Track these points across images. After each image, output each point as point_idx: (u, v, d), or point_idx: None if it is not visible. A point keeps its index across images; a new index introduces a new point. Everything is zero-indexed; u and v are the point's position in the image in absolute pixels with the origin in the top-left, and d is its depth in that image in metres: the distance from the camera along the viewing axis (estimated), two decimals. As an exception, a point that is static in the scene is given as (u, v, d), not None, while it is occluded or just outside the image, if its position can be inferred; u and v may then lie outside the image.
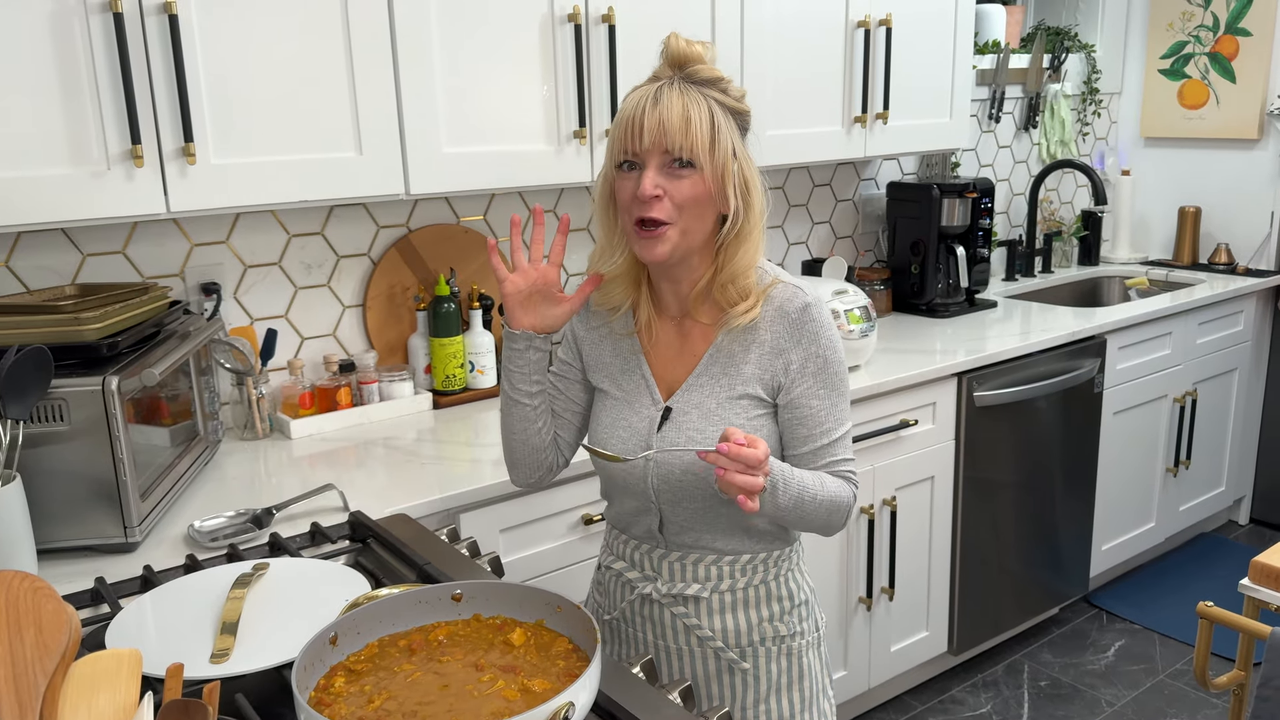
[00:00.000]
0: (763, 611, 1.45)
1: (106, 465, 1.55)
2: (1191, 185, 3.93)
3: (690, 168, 1.28)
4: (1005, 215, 3.82)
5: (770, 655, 1.45)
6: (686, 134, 1.26)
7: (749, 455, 1.19)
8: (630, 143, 1.28)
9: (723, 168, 1.29)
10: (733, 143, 1.30)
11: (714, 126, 1.28)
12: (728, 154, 1.29)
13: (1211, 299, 3.42)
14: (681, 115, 1.26)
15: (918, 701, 2.86)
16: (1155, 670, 2.98)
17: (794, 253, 3.18)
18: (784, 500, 1.29)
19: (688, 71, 1.30)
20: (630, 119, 1.28)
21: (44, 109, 1.61)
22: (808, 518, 1.33)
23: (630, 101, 1.30)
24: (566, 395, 1.50)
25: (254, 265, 2.21)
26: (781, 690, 1.46)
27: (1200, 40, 3.81)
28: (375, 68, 1.92)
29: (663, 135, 1.26)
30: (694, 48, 1.30)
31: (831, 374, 1.36)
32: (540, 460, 1.48)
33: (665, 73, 1.31)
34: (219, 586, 1.36)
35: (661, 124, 1.26)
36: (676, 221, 1.29)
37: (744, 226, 1.33)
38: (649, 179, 1.27)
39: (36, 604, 0.81)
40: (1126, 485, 3.32)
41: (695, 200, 1.29)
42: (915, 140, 2.90)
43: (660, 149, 1.27)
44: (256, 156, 1.82)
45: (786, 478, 1.29)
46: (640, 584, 1.47)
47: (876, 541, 2.60)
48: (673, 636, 1.46)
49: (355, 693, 1.07)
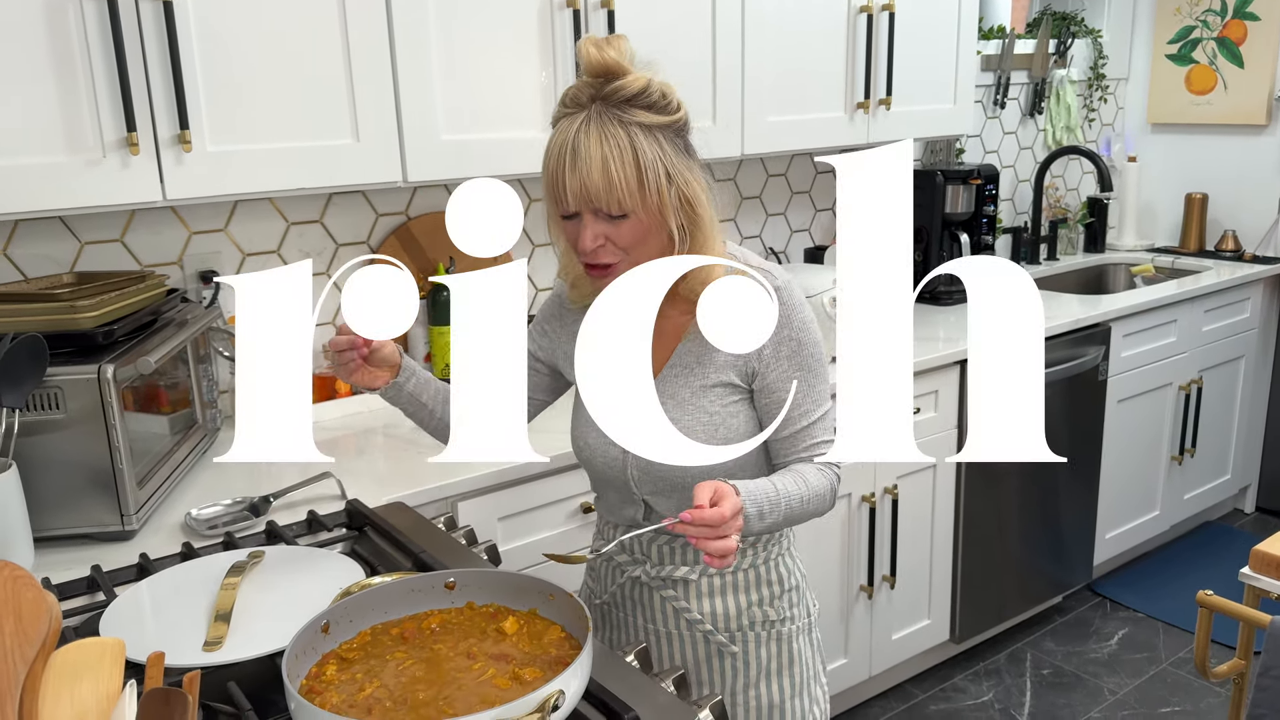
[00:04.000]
0: (752, 595, 1.45)
1: (103, 453, 1.55)
2: (1198, 171, 3.90)
3: (624, 217, 1.26)
4: (1010, 202, 3.80)
5: (760, 640, 1.45)
6: (610, 189, 1.23)
7: (710, 517, 1.14)
8: (559, 197, 1.26)
9: (657, 203, 1.26)
10: (664, 169, 1.25)
11: (639, 167, 1.23)
12: (660, 186, 1.25)
13: (1218, 286, 3.40)
14: (601, 171, 1.22)
15: (919, 690, 2.86)
16: (1158, 659, 2.97)
17: (796, 240, 3.16)
18: (771, 521, 1.28)
19: (608, 91, 1.24)
20: (554, 174, 1.25)
21: (39, 96, 1.61)
22: (796, 519, 1.33)
23: (552, 148, 1.26)
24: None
25: (253, 253, 2.20)
26: (772, 675, 1.46)
27: (1208, 25, 3.77)
28: (372, 54, 1.91)
29: (586, 195, 1.23)
30: (609, 55, 1.24)
31: (806, 356, 1.35)
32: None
33: (584, 93, 1.26)
34: (214, 575, 1.36)
35: (584, 186, 1.23)
36: (624, 259, 1.29)
37: (694, 242, 1.31)
38: (587, 235, 1.26)
39: (16, 592, 0.81)
40: (1131, 473, 3.30)
41: (636, 240, 1.28)
42: (919, 126, 2.88)
43: (587, 204, 1.25)
44: (252, 144, 1.81)
45: (772, 501, 1.27)
46: (630, 567, 1.47)
47: (878, 530, 2.59)
48: (663, 620, 1.46)
49: (346, 680, 1.07)
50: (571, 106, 1.27)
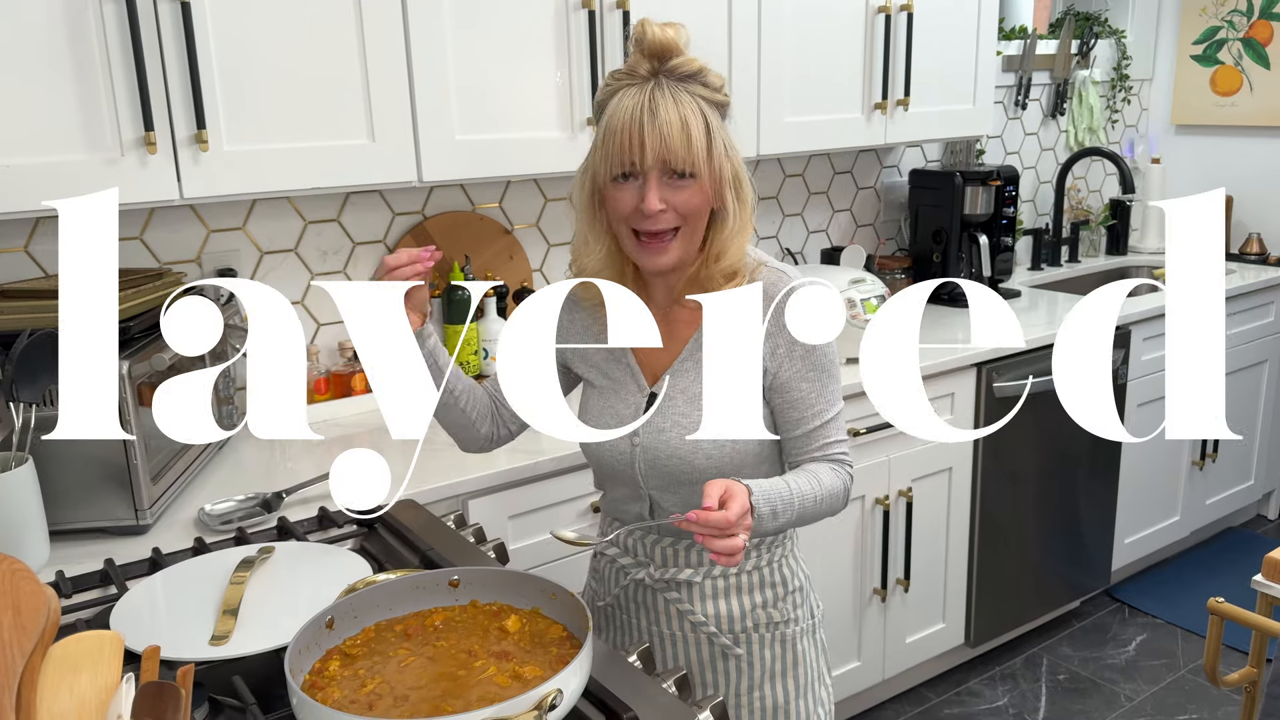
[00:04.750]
0: (755, 598, 1.45)
1: (117, 449, 1.57)
2: (1223, 174, 3.85)
3: (691, 178, 1.27)
4: (1031, 203, 3.77)
5: (763, 641, 1.45)
6: (689, 147, 1.24)
7: (716, 519, 1.14)
8: (629, 154, 1.26)
9: (719, 171, 1.28)
10: (724, 142, 1.29)
11: (709, 132, 1.26)
12: (723, 156, 1.28)
13: (1242, 289, 3.36)
14: (681, 128, 1.24)
15: (933, 693, 2.84)
16: (1176, 665, 2.94)
17: (814, 241, 3.16)
18: (784, 520, 1.28)
19: (669, 66, 1.26)
20: (628, 131, 1.25)
21: (59, 96, 1.63)
22: (809, 519, 1.33)
23: (624, 109, 1.26)
24: None
25: (270, 251, 2.23)
26: (775, 677, 1.46)
27: (1234, 25, 3.73)
28: (388, 55, 1.92)
29: (665, 150, 1.24)
30: (669, 34, 1.27)
31: (820, 356, 1.36)
32: (474, 434, 1.49)
33: (643, 66, 1.27)
34: (225, 569, 1.38)
35: (663, 139, 1.23)
36: (682, 228, 1.29)
37: (739, 221, 1.32)
38: (653, 196, 1.26)
39: (14, 586, 0.83)
40: (1151, 478, 3.27)
41: (697, 208, 1.29)
42: (937, 127, 2.87)
43: (661, 162, 1.25)
44: (269, 143, 1.83)
45: (785, 500, 1.27)
46: (633, 569, 1.47)
47: (891, 532, 2.58)
48: (666, 622, 1.46)
49: (349, 676, 1.08)
50: (630, 78, 1.28)
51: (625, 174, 1.28)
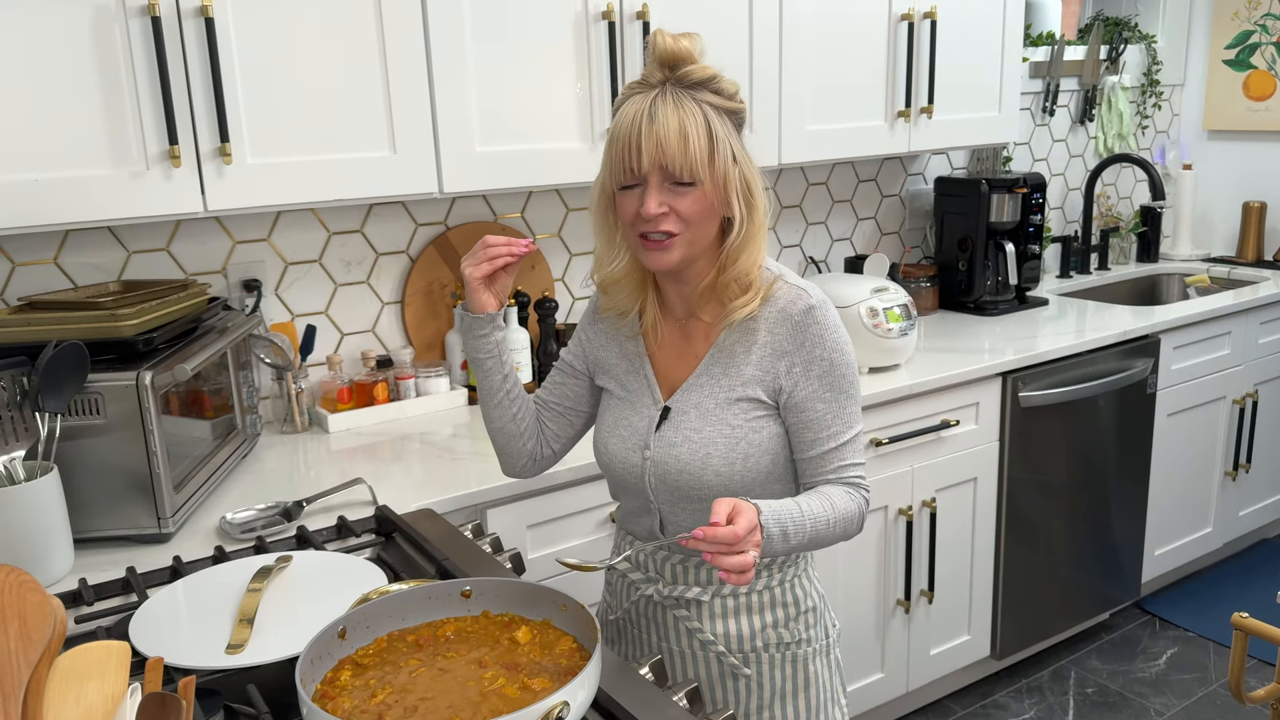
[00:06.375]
0: (766, 618, 1.43)
1: (140, 458, 1.59)
2: (1257, 179, 3.80)
3: (691, 185, 1.27)
4: (1060, 211, 3.73)
5: (774, 662, 1.44)
6: (685, 153, 1.24)
7: (723, 534, 1.12)
8: (628, 162, 1.27)
9: (724, 178, 1.28)
10: (732, 149, 1.28)
11: (711, 138, 1.26)
12: (728, 163, 1.28)
13: (1275, 297, 3.30)
14: (678, 133, 1.24)
15: (959, 706, 2.81)
16: (1208, 680, 2.89)
17: (837, 249, 3.14)
18: (796, 542, 1.27)
19: (679, 74, 1.27)
20: (626, 138, 1.26)
21: (85, 111, 1.66)
22: (822, 542, 1.32)
23: (625, 116, 1.27)
24: (563, 388, 1.51)
25: (295, 262, 2.25)
26: (786, 697, 1.45)
27: (1267, 30, 3.68)
28: (409, 67, 1.94)
29: (661, 155, 1.24)
30: (682, 44, 1.27)
31: (838, 377, 1.34)
32: (520, 448, 1.49)
33: (655, 75, 1.29)
34: (244, 578, 1.39)
35: (659, 144, 1.24)
36: (684, 232, 1.29)
37: (748, 229, 1.32)
38: (652, 201, 1.26)
39: (20, 597, 0.84)
40: (1182, 489, 3.22)
41: (699, 214, 1.28)
42: (961, 135, 2.85)
43: (659, 168, 1.26)
44: (291, 156, 1.85)
45: (796, 522, 1.25)
46: (643, 585, 1.47)
47: (915, 543, 2.56)
48: (675, 639, 1.46)
49: (360, 686, 1.08)
50: (641, 87, 1.29)
51: (631, 181, 1.29)
